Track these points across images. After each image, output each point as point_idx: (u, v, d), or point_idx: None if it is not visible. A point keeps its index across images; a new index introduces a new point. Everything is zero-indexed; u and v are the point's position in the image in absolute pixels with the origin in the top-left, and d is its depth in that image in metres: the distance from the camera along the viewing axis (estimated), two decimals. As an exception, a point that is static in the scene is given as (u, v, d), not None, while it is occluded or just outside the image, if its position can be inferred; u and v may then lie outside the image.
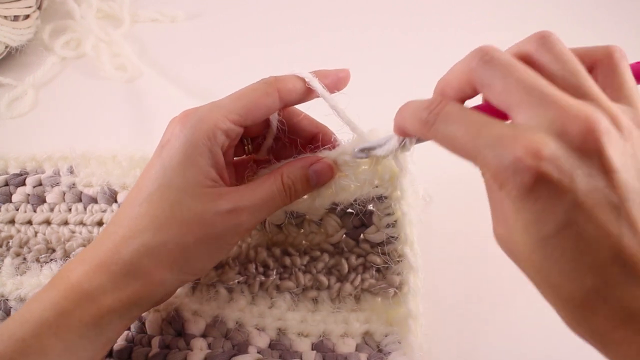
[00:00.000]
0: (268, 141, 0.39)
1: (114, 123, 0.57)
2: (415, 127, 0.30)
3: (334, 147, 0.38)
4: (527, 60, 0.28)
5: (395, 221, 0.38)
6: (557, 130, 0.25)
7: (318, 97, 0.37)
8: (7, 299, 0.41)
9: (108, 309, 0.32)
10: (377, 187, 0.37)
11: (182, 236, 0.33)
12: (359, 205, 0.38)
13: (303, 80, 0.36)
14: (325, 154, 0.37)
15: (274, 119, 0.38)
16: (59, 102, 0.60)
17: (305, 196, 0.38)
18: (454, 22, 0.68)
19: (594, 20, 0.69)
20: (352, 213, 0.39)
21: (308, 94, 0.37)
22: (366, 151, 0.35)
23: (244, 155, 0.40)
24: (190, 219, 0.33)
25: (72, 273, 0.33)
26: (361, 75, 0.40)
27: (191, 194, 0.33)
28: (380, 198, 0.38)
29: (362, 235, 0.40)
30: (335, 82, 0.37)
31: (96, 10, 0.67)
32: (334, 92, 0.37)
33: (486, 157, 0.26)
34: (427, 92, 0.33)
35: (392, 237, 0.39)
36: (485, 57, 0.28)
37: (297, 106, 0.39)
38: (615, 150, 0.25)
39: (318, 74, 0.37)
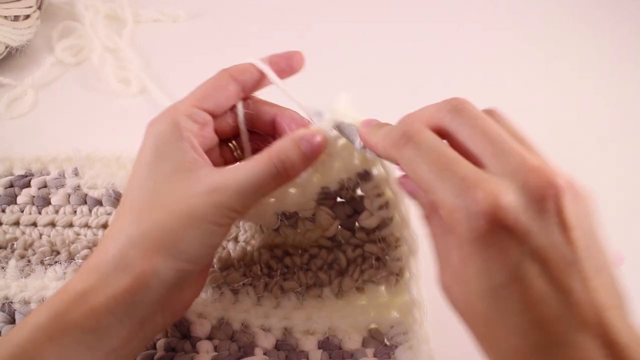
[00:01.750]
0: (243, 137, 0.39)
1: (114, 124, 0.57)
2: (385, 145, 0.30)
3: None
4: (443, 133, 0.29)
5: (387, 202, 0.38)
6: (519, 182, 0.25)
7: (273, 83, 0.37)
8: (11, 302, 0.41)
9: (102, 308, 0.30)
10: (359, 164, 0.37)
11: (164, 221, 0.32)
12: (347, 190, 0.38)
13: (254, 65, 0.37)
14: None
15: (240, 110, 0.38)
16: (58, 103, 0.60)
17: (293, 189, 0.37)
18: (454, 19, 0.68)
19: (594, 20, 0.69)
20: (343, 202, 0.39)
21: (262, 78, 0.37)
22: (339, 131, 0.35)
23: (236, 163, 0.39)
24: (170, 203, 0.32)
25: (70, 281, 0.32)
26: (369, 71, 0.40)
27: (168, 180, 0.33)
28: (365, 176, 0.37)
29: (357, 224, 0.40)
30: (289, 66, 0.38)
31: (103, 15, 0.67)
32: (289, 76, 0.38)
33: (445, 194, 0.26)
34: (424, 88, 0.34)
35: (387, 219, 0.38)
36: (458, 106, 0.29)
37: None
38: (572, 207, 0.25)
39: (270, 58, 0.37)
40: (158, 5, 0.70)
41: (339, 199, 0.39)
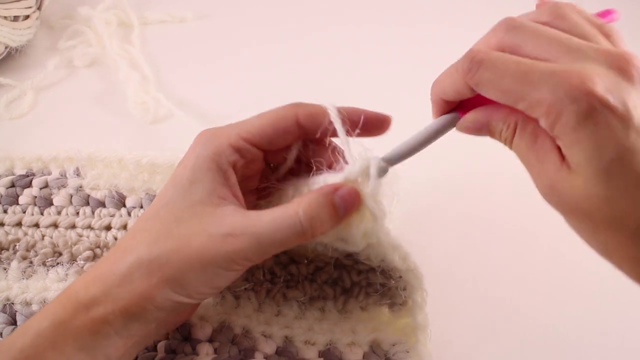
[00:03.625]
0: (287, 163, 0.36)
1: (115, 126, 0.57)
2: (457, 79, 0.30)
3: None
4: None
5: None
6: (607, 64, 0.27)
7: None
8: (12, 303, 0.41)
9: (101, 320, 0.31)
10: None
11: (174, 254, 0.31)
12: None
13: (326, 110, 0.34)
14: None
15: (292, 154, 0.36)
16: (58, 104, 0.59)
17: None
18: (455, 20, 0.68)
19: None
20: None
21: (331, 128, 0.34)
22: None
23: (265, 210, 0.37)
24: (185, 237, 0.31)
25: (74, 285, 0.33)
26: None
27: (192, 212, 0.32)
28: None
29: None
30: (367, 127, 0.34)
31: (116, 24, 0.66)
32: (362, 137, 0.34)
33: (539, 92, 0.27)
34: (424, 89, 0.34)
35: (384, 259, 0.37)
36: (512, 24, 0.30)
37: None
38: None
39: (350, 111, 0.34)
40: (162, 6, 0.69)
41: None
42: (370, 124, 0.35)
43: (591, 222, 0.28)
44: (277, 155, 0.36)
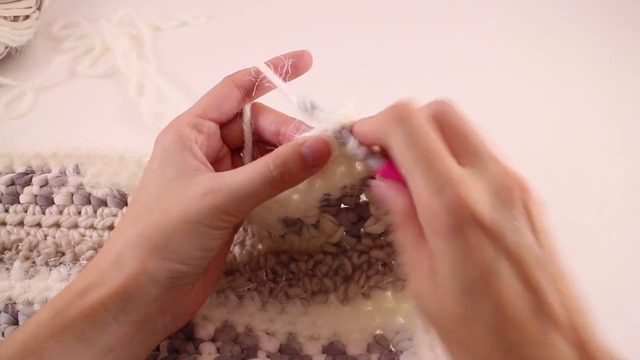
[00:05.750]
0: (246, 141, 0.39)
1: (115, 127, 0.57)
2: (377, 129, 0.30)
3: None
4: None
5: None
6: (494, 184, 0.27)
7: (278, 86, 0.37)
8: (14, 302, 0.41)
9: (97, 305, 0.31)
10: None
11: (159, 223, 0.32)
12: (351, 196, 0.37)
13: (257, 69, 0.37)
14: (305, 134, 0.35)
15: (246, 115, 0.39)
16: (58, 104, 0.59)
17: (296, 196, 0.37)
18: (456, 21, 0.69)
19: (594, 21, 0.70)
20: (347, 208, 0.39)
21: (266, 82, 0.37)
22: (343, 134, 0.33)
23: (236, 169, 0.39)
24: (167, 207, 0.33)
25: (73, 280, 0.34)
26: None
27: (169, 186, 0.34)
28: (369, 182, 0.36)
29: (362, 230, 0.39)
30: (294, 67, 0.38)
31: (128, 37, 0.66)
32: (295, 77, 0.38)
33: (427, 188, 0.26)
34: (425, 89, 0.34)
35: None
36: (443, 107, 0.30)
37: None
38: (538, 211, 0.27)
39: (275, 60, 0.38)
40: (168, 10, 0.70)
41: (343, 206, 0.39)
42: (300, 65, 0.38)
43: (447, 339, 0.28)
44: (233, 131, 0.39)
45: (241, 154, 0.40)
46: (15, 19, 0.59)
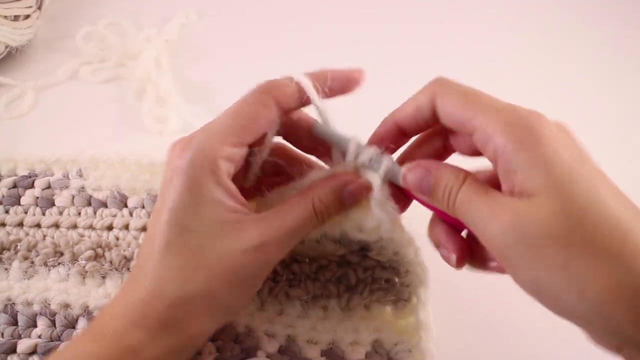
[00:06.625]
0: (254, 168, 0.35)
1: (115, 128, 0.57)
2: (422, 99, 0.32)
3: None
4: None
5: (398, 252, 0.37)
6: None
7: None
8: (13, 303, 0.41)
9: None
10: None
11: (211, 284, 0.31)
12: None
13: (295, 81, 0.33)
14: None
15: (268, 140, 0.34)
16: (59, 104, 0.59)
17: None
18: (457, 21, 0.69)
19: (594, 21, 0.70)
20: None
21: (304, 97, 0.34)
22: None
23: (275, 208, 0.36)
24: (216, 263, 0.31)
25: (108, 328, 0.31)
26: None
27: (211, 234, 0.31)
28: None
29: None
30: (340, 86, 0.34)
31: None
32: (338, 95, 0.35)
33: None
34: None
35: (397, 252, 0.37)
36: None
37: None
38: None
39: (319, 75, 0.34)
40: (169, 10, 0.69)
41: None
42: (348, 83, 0.35)
43: (563, 248, 0.26)
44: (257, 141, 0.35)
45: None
46: (16, 18, 0.59)
